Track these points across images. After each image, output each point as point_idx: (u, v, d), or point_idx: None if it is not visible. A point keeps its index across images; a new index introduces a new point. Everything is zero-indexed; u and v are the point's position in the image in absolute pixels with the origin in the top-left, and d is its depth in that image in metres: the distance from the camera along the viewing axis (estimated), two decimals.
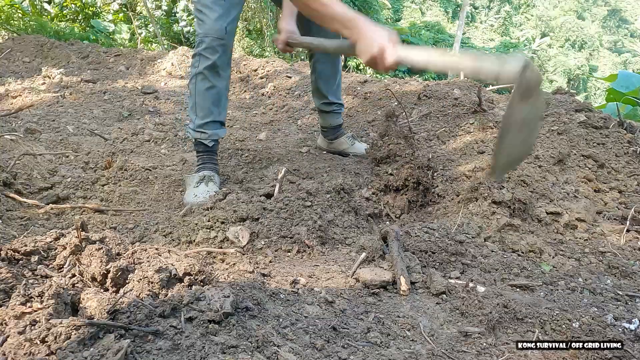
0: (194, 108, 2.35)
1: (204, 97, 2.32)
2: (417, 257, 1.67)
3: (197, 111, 2.35)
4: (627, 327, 1.34)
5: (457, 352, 1.22)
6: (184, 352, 0.95)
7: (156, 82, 5.07)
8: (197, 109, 2.35)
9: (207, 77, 2.28)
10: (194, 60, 2.31)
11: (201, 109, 2.34)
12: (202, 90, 2.31)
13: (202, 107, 2.34)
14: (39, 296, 1.06)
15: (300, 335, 1.17)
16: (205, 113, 2.34)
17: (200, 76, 2.28)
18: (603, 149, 2.45)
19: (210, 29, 2.20)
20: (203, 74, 2.27)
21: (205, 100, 2.33)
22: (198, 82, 2.30)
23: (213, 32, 2.20)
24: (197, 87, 2.31)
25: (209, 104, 2.34)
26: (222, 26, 2.19)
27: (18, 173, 2.22)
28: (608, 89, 3.86)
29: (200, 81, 2.29)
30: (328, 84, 2.74)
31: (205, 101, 2.33)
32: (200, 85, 2.30)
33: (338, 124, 2.89)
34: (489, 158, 2.36)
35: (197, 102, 2.34)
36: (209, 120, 2.35)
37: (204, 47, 2.23)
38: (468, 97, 3.11)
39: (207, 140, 2.38)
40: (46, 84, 4.58)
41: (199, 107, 2.34)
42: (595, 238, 1.94)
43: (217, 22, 2.18)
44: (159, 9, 9.91)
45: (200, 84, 2.30)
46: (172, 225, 1.92)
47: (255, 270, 1.53)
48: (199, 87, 2.30)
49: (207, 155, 2.43)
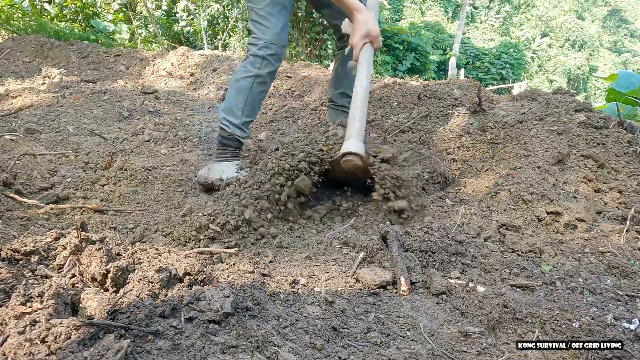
0: (243, 105, 2.42)
1: (256, 99, 2.44)
2: (417, 257, 1.67)
3: (244, 109, 2.42)
4: (627, 327, 1.34)
5: (457, 352, 1.22)
6: (184, 352, 0.95)
7: (156, 82, 5.07)
8: (245, 108, 2.42)
9: (266, 81, 2.42)
10: (254, 59, 2.36)
11: (250, 109, 2.44)
12: (257, 92, 2.42)
13: (251, 107, 2.45)
14: (39, 296, 1.06)
15: (300, 335, 1.17)
16: (250, 113, 2.46)
17: (260, 79, 2.38)
18: (603, 149, 2.45)
19: (276, 37, 2.33)
20: (263, 77, 2.39)
21: (256, 102, 2.45)
22: (256, 83, 2.40)
23: (279, 41, 2.34)
24: (253, 88, 2.40)
25: (257, 106, 2.48)
26: (285, 36, 2.37)
27: (18, 173, 2.22)
28: (608, 89, 3.86)
29: (258, 84, 2.40)
30: (346, 75, 2.76)
31: (255, 103, 2.45)
32: (256, 88, 2.41)
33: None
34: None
35: (248, 102, 2.42)
36: (250, 120, 2.48)
37: (270, 52, 2.34)
38: (468, 97, 3.11)
39: (243, 139, 2.49)
40: (46, 84, 4.58)
41: (249, 106, 2.44)
42: (595, 238, 1.94)
43: (283, 31, 2.35)
44: (159, 9, 9.91)
45: (257, 87, 2.41)
46: (172, 225, 1.92)
47: (255, 270, 1.53)
48: (255, 89, 2.41)
49: (237, 151, 2.52)
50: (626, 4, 38.97)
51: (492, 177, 2.36)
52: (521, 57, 16.73)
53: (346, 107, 2.84)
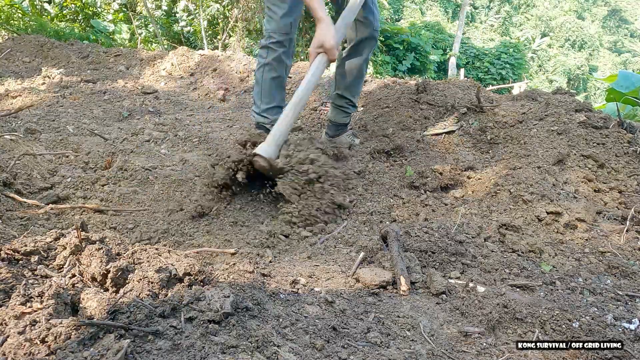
0: (260, 95, 2.64)
1: (270, 85, 2.60)
2: (417, 257, 1.67)
3: (262, 97, 2.63)
4: (627, 327, 1.34)
5: (457, 352, 1.22)
6: (184, 352, 0.95)
7: (156, 82, 5.07)
8: (262, 96, 2.63)
9: (275, 67, 2.55)
10: (261, 51, 2.58)
11: (266, 95, 2.62)
12: (268, 79, 2.59)
13: (267, 94, 2.61)
14: (39, 296, 1.06)
15: (300, 335, 1.17)
16: (269, 99, 2.62)
17: (268, 67, 2.56)
18: (603, 149, 2.45)
19: (279, 26, 2.48)
20: (271, 64, 2.55)
21: (271, 88, 2.60)
22: (265, 71, 2.57)
23: (280, 29, 2.48)
24: (264, 76, 2.58)
25: (273, 91, 2.62)
26: (288, 22, 2.49)
27: (18, 173, 2.22)
28: (608, 89, 3.86)
29: (268, 71, 2.57)
30: (343, 77, 2.86)
31: (270, 89, 2.60)
32: (267, 75, 2.58)
33: (342, 122, 2.90)
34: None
35: (262, 89, 2.61)
36: (272, 106, 2.62)
37: (272, 41, 2.50)
38: (468, 97, 3.11)
39: (268, 125, 2.56)
40: (46, 84, 4.58)
41: (264, 94, 2.62)
42: (595, 238, 1.94)
43: (283, 18, 2.47)
44: (159, 9, 9.90)
45: (267, 74, 2.58)
46: (172, 225, 1.92)
47: (255, 270, 1.53)
48: (266, 76, 2.58)
49: None
50: (626, 4, 38.96)
51: (492, 177, 2.36)
52: (521, 57, 16.72)
53: (345, 108, 2.85)
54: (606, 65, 29.92)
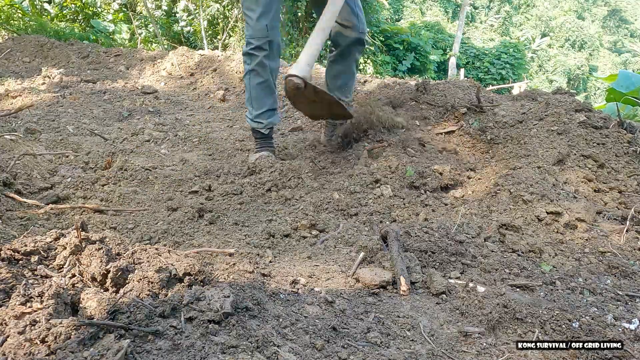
0: (250, 101, 2.65)
1: (257, 91, 2.61)
2: (417, 257, 1.67)
3: (252, 103, 2.65)
4: (627, 327, 1.34)
5: (457, 352, 1.22)
6: (184, 352, 0.95)
7: (156, 82, 5.07)
8: (252, 102, 2.65)
9: (259, 72, 2.56)
10: (245, 58, 2.59)
11: (256, 101, 2.63)
12: (255, 85, 2.60)
13: (256, 100, 2.63)
14: (39, 296, 1.06)
15: (300, 335, 1.17)
16: (260, 105, 2.63)
17: (253, 73, 2.58)
18: (603, 149, 2.45)
19: (254, 31, 2.48)
20: (255, 70, 2.56)
21: (259, 93, 2.61)
22: (252, 77, 2.59)
23: (257, 32, 2.48)
24: (251, 82, 2.61)
25: (262, 96, 2.62)
26: (264, 25, 2.47)
27: (18, 173, 2.22)
28: (608, 89, 3.86)
29: (254, 77, 2.58)
30: (335, 79, 2.89)
31: (259, 94, 2.62)
32: (253, 81, 2.59)
33: (338, 123, 2.90)
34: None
35: (252, 96, 2.64)
36: (263, 110, 2.64)
37: (251, 47, 2.52)
38: (468, 97, 3.11)
39: (263, 129, 2.67)
40: (46, 84, 4.58)
41: (254, 99, 2.63)
42: (595, 238, 1.94)
43: (259, 22, 2.46)
44: (159, 9, 9.90)
45: (253, 80, 2.59)
46: (172, 225, 1.92)
47: (255, 270, 1.53)
48: (253, 82, 2.60)
49: (263, 140, 2.72)
50: (626, 4, 38.96)
51: (492, 177, 2.36)
52: (521, 57, 16.72)
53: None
54: (606, 65, 29.94)
